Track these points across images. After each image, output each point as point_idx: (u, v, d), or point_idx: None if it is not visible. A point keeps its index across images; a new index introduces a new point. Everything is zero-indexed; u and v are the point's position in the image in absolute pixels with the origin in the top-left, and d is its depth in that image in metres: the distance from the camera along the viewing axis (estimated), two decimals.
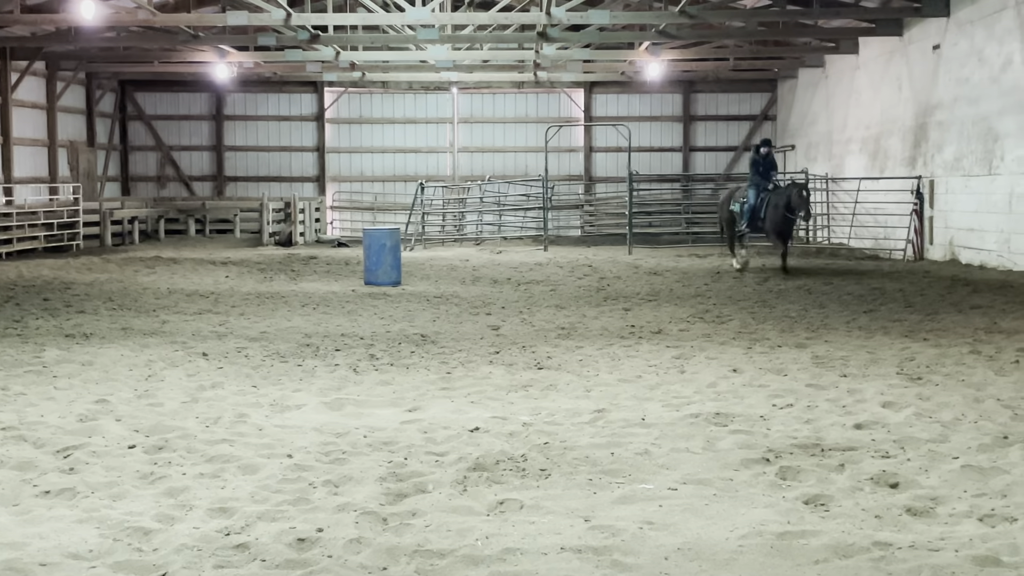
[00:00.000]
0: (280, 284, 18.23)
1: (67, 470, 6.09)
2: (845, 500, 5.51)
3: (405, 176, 34.74)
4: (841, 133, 28.16)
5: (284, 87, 34.71)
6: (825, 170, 28.71)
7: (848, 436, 6.88)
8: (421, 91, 34.87)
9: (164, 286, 17.53)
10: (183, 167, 35.04)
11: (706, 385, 8.72)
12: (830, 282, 17.64)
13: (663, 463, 6.26)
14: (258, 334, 11.95)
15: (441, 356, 10.39)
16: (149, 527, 5.06)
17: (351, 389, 8.70)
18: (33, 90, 28.80)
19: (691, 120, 34.77)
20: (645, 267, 21.29)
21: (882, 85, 25.13)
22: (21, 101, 27.90)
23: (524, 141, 34.82)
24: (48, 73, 29.40)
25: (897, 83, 24.17)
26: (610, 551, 4.76)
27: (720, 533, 5.00)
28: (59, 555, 4.70)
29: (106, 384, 8.80)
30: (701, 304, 14.80)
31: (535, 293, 16.66)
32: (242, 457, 6.38)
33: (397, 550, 4.78)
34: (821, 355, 10.15)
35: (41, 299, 15.39)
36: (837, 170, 28.04)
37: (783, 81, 33.51)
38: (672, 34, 24.51)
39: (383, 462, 6.30)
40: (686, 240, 29.05)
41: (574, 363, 9.93)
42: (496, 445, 6.66)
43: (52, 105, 29.62)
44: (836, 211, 27.38)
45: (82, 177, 31.00)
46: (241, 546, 4.81)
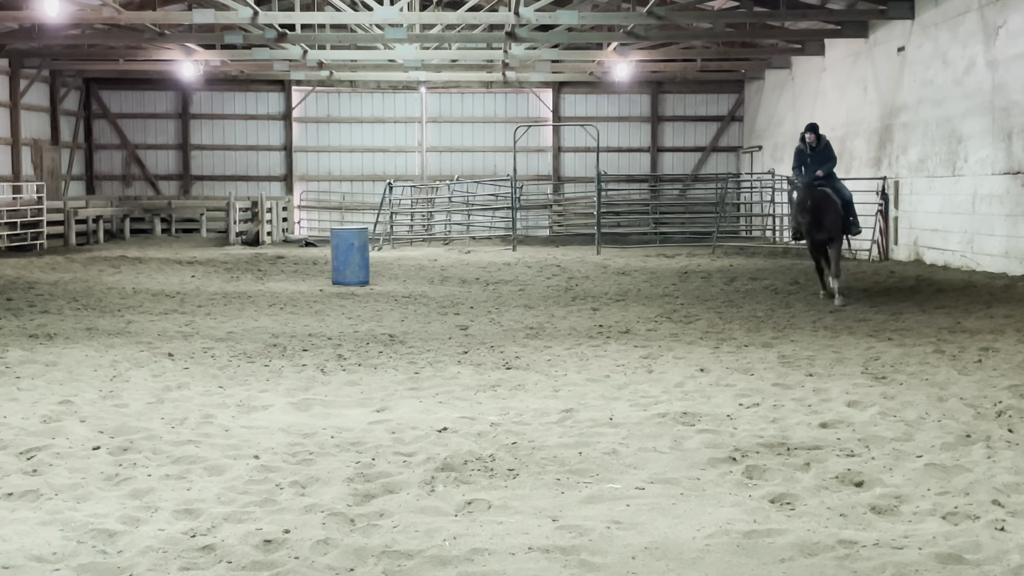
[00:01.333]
0: (247, 284, 18.12)
1: (30, 472, 6.02)
2: (811, 499, 5.55)
3: (373, 176, 34.64)
4: None
5: (251, 86, 34.51)
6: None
7: (814, 435, 6.93)
8: (389, 90, 34.80)
9: (129, 286, 17.37)
10: (149, 166, 34.75)
11: (673, 385, 8.76)
12: (796, 282, 17.77)
13: (631, 463, 6.28)
14: (225, 334, 11.87)
15: (409, 356, 10.37)
16: (114, 529, 5.01)
17: (318, 389, 8.67)
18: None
19: (659, 120, 34.93)
20: (613, 267, 21.35)
21: (848, 87, 25.36)
22: None
23: (493, 141, 34.83)
24: (11, 70, 29.06)
25: (863, 85, 24.40)
26: (578, 551, 4.78)
27: (687, 532, 5.03)
28: (23, 558, 4.65)
29: (70, 385, 8.71)
30: (669, 304, 14.87)
31: (504, 293, 16.67)
32: (208, 458, 6.33)
33: (365, 551, 4.77)
34: (787, 355, 10.23)
35: (4, 299, 15.20)
36: None
37: (750, 82, 33.74)
38: (640, 35, 24.61)
39: (351, 463, 6.28)
40: (654, 240, 29.17)
41: (542, 363, 9.94)
42: (464, 445, 6.65)
43: (15, 103, 29.28)
44: None
45: (46, 176, 30.67)
46: (207, 548, 4.78)
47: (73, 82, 33.26)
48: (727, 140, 34.99)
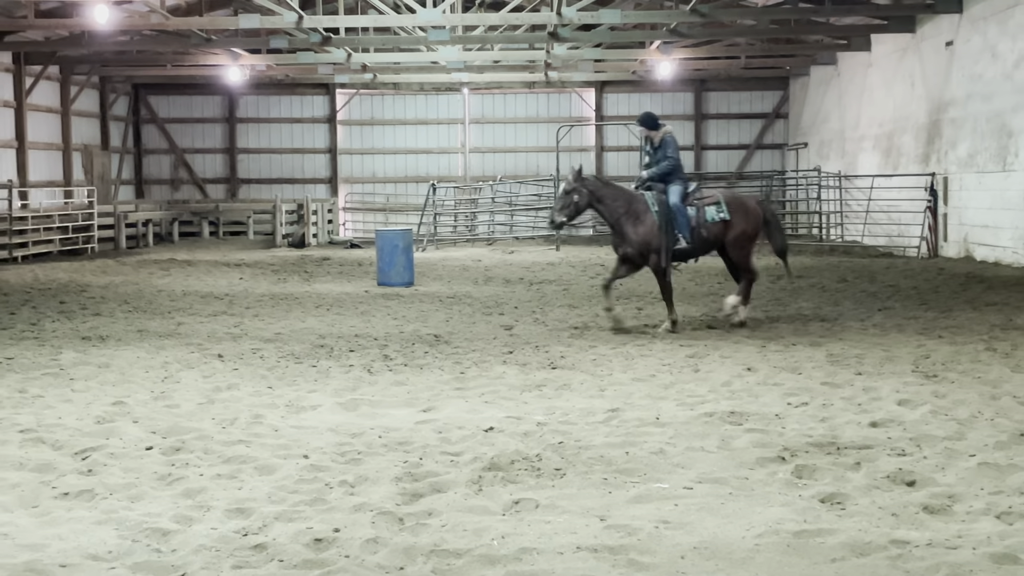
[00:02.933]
0: (294, 285, 18.27)
1: (85, 472, 6.12)
2: (862, 498, 5.50)
3: (417, 177, 34.77)
4: (854, 131, 28.08)
5: (296, 89, 34.80)
6: (838, 168, 28.63)
7: (864, 434, 6.86)
8: (432, 92, 34.91)
9: (179, 288, 17.59)
10: (196, 170, 35.17)
11: (720, 384, 8.71)
12: (844, 279, 17.60)
13: (678, 462, 6.26)
14: (273, 335, 11.98)
15: (455, 356, 10.40)
16: (167, 528, 5.09)
17: (365, 389, 8.72)
18: (47, 94, 28.94)
19: (703, 119, 34.73)
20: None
21: (895, 82, 25.05)
22: (36, 105, 28.05)
23: (535, 141, 34.82)
24: (62, 77, 29.54)
25: (910, 80, 24.10)
26: (626, 550, 4.77)
27: (736, 532, 5.00)
28: (79, 556, 4.73)
29: (123, 386, 8.84)
30: (714, 303, 14.77)
31: (548, 293, 16.67)
32: (259, 458, 6.40)
33: (414, 550, 4.79)
34: (836, 353, 10.13)
35: (57, 302, 15.46)
36: (850, 167, 27.96)
37: (795, 79, 33.44)
38: (683, 33, 24.48)
39: (398, 462, 6.32)
40: None
41: (588, 362, 9.93)
42: (511, 445, 6.66)
43: (66, 109, 29.76)
44: (849, 208, 27.29)
45: (96, 180, 31.14)
46: (259, 546, 4.84)
47: (122, 88, 33.75)
48: (772, 137, 34.70)
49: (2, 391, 8.56)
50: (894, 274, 18.41)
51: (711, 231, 12.27)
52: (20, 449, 6.63)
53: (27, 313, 14.08)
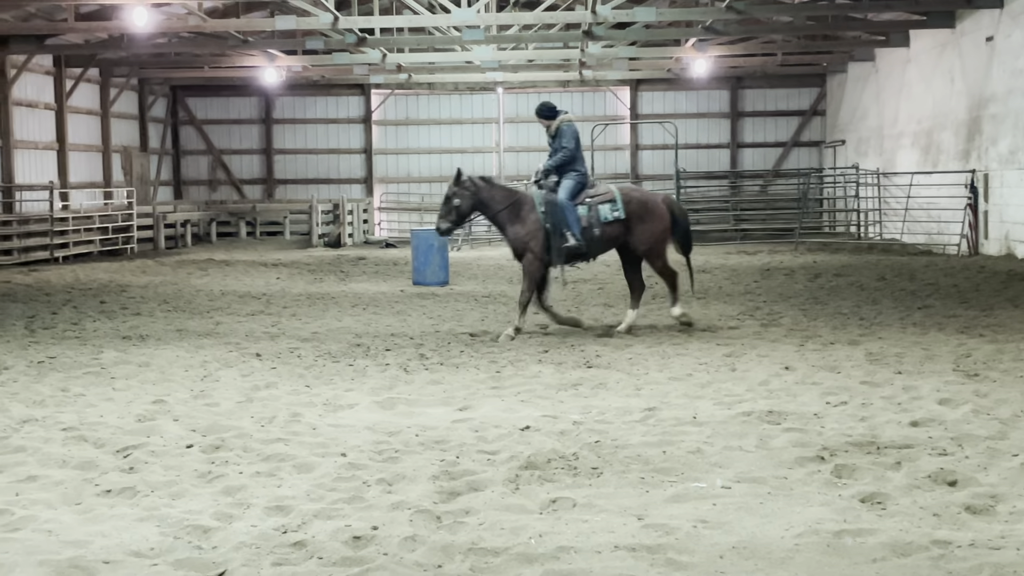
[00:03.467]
0: (330, 285, 18.38)
1: (127, 469, 6.19)
2: (902, 498, 5.45)
3: (452, 176, 34.77)
4: (892, 127, 27.81)
5: (331, 90, 34.98)
6: (876, 165, 28.36)
7: (904, 434, 6.80)
8: (467, 92, 34.97)
9: (217, 288, 17.75)
10: (234, 170, 35.45)
11: (758, 383, 8.66)
12: (883, 278, 17.43)
13: (716, 461, 6.23)
14: (310, 334, 12.06)
15: (490, 355, 10.42)
16: (208, 525, 5.13)
17: (402, 388, 8.76)
18: (87, 96, 29.30)
19: (739, 116, 34.52)
20: (693, 265, 21.13)
21: (934, 78, 24.78)
22: (76, 107, 28.40)
23: None
24: (102, 80, 29.89)
25: (949, 76, 23.82)
26: (664, 549, 4.76)
27: (775, 532, 4.97)
28: (122, 553, 4.78)
29: (163, 385, 8.94)
30: (751, 301, 14.69)
31: (583, 291, 16.64)
32: (297, 456, 6.45)
33: (452, 548, 4.81)
34: (875, 352, 10.04)
35: (98, 302, 15.65)
36: (888, 165, 27.69)
37: (832, 75, 33.15)
38: (719, 30, 24.34)
39: (435, 461, 6.34)
40: (734, 237, 28.86)
41: (624, 361, 9.91)
42: (547, 443, 6.66)
43: (106, 111, 30.12)
44: (888, 206, 27.03)
45: (135, 181, 31.48)
46: (298, 544, 4.87)
47: (160, 90, 34.09)
48: (809, 135, 34.42)
49: (45, 390, 8.69)
50: (934, 272, 18.21)
51: (605, 231, 11.72)
52: (63, 447, 6.72)
53: (69, 313, 14.26)
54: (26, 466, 6.26)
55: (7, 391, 8.62)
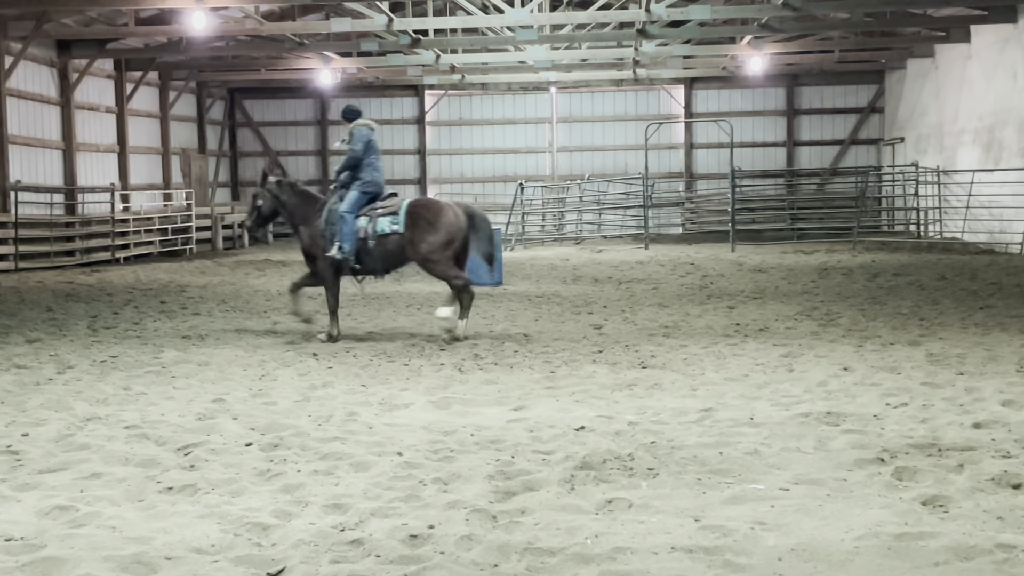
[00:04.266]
0: (384, 285, 18.47)
1: (188, 467, 6.29)
2: (965, 501, 5.36)
3: (505, 177, 34.91)
4: (952, 124, 27.33)
5: (386, 91, 35.22)
6: (936, 163, 27.90)
7: (966, 435, 6.68)
8: (520, 92, 35.01)
9: (274, 288, 17.95)
10: (290, 172, 35.79)
11: (816, 384, 8.56)
12: (943, 277, 17.15)
13: (774, 463, 6.17)
14: (365, 334, 12.15)
15: (544, 355, 10.42)
16: (267, 523, 5.19)
17: (457, 388, 8.79)
18: (147, 100, 29.80)
19: (795, 114, 34.17)
20: (749, 264, 20.99)
21: (996, 74, 24.31)
22: (136, 110, 28.90)
23: (623, 139, 34.67)
24: (161, 83, 30.39)
25: (1012, 71, 23.35)
26: (722, 551, 4.72)
27: (835, 534, 4.91)
28: (183, 549, 4.86)
29: (222, 384, 9.06)
30: (808, 301, 14.54)
31: (637, 292, 16.58)
32: (354, 455, 6.50)
33: (508, 547, 4.82)
34: (936, 353, 9.88)
35: (158, 302, 15.90)
36: (949, 162, 27.23)
37: (891, 72, 32.67)
38: (775, 27, 24.13)
39: (490, 460, 6.35)
40: (791, 236, 28.57)
41: (679, 362, 9.85)
42: (602, 444, 6.65)
43: (165, 114, 30.61)
44: (948, 204, 26.58)
45: (194, 183, 31.96)
46: (356, 542, 4.91)
47: (218, 92, 34.57)
48: (867, 132, 33.97)
49: (107, 388, 8.84)
50: (996, 271, 17.87)
51: (382, 244, 11.39)
52: (126, 445, 6.84)
53: (130, 313, 14.51)
54: (90, 463, 6.38)
55: (71, 390, 8.79)
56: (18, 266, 21.43)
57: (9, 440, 6.96)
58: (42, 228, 23.07)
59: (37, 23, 21.99)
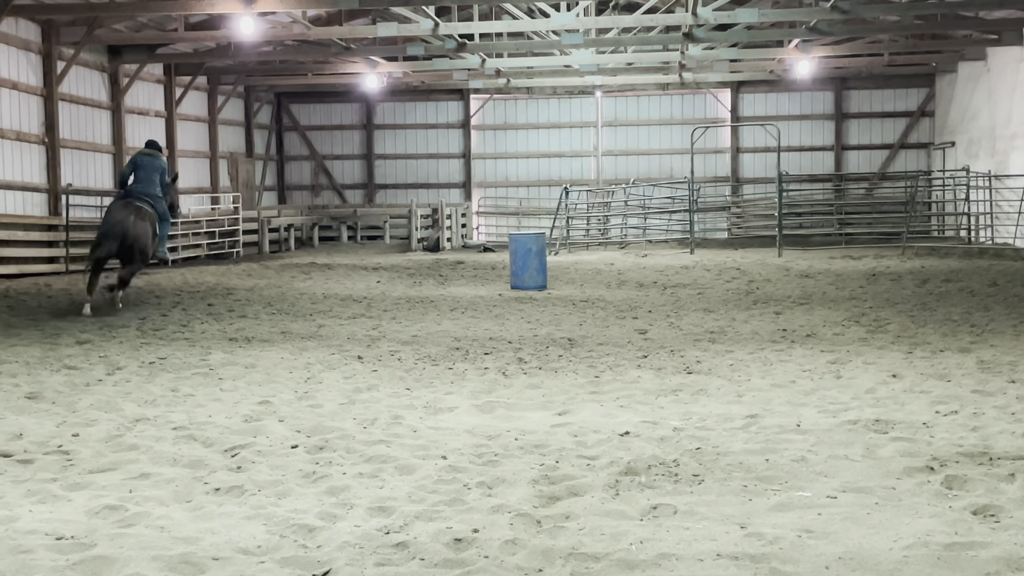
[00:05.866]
0: (429, 289, 18.56)
1: (235, 468, 6.35)
2: (1017, 511, 5.26)
3: (549, 180, 34.89)
4: (1005, 128, 26.90)
5: (431, 95, 35.35)
6: (988, 167, 27.48)
7: (1018, 444, 6.57)
8: (565, 95, 34.98)
9: (319, 291, 18.08)
10: (335, 175, 36.09)
11: (864, 391, 8.47)
12: (995, 283, 16.88)
13: (821, 470, 6.11)
14: (409, 338, 12.20)
15: (589, 360, 10.40)
16: (313, 524, 5.23)
17: (501, 392, 8.79)
18: (196, 104, 30.15)
19: (843, 118, 33.81)
20: (796, 269, 20.80)
21: None
22: (185, 115, 29.26)
23: (669, 143, 34.51)
24: (209, 88, 30.73)
25: None
26: (768, 559, 4.68)
27: (883, 543, 4.85)
28: (230, 550, 4.90)
29: (268, 386, 9.14)
30: (856, 307, 14.37)
31: (682, 297, 16.49)
32: (399, 458, 6.52)
33: (552, 552, 4.81)
34: (987, 360, 9.72)
35: (206, 304, 16.08)
36: (1001, 167, 26.80)
37: (941, 75, 32.23)
38: (823, 30, 23.88)
39: (535, 464, 6.35)
40: (839, 241, 28.27)
41: (724, 367, 9.79)
42: (647, 449, 6.62)
43: (213, 118, 30.95)
44: (1000, 210, 26.16)
45: (241, 187, 32.29)
46: (400, 545, 4.93)
47: (265, 97, 34.90)
48: (917, 136, 33.52)
49: (156, 390, 8.96)
50: None
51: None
52: (173, 446, 6.92)
53: (177, 315, 14.69)
54: (139, 464, 6.46)
55: (120, 391, 8.91)
56: (68, 268, 21.76)
57: (60, 440, 7.07)
58: (93, 231, 23.38)
59: (89, 29, 22.34)
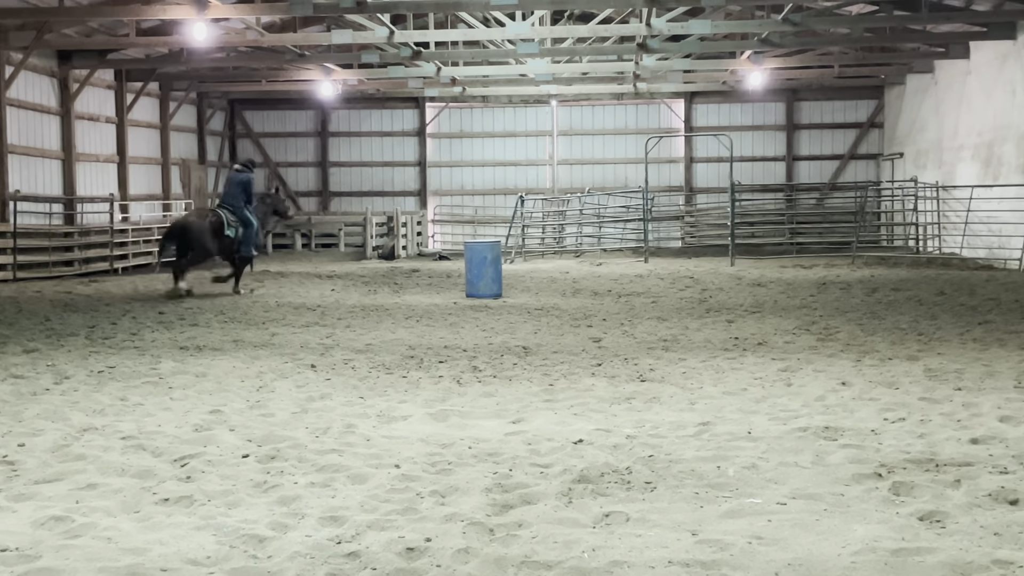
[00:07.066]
0: (384, 297, 18.49)
1: (184, 478, 6.28)
2: (962, 517, 5.35)
3: (505, 189, 34.95)
4: (952, 140, 27.39)
5: (386, 103, 35.29)
6: (935, 178, 27.94)
7: (964, 451, 6.68)
8: (520, 104, 35.08)
9: (272, 299, 17.94)
10: (290, 183, 35.86)
11: (814, 398, 8.56)
12: (942, 292, 17.16)
13: (771, 477, 6.16)
14: (363, 346, 12.15)
15: (543, 368, 10.41)
16: (263, 535, 5.18)
17: (455, 400, 8.78)
18: (147, 110, 29.85)
19: (794, 129, 34.24)
20: (748, 278, 21.01)
21: (995, 90, 24.37)
22: (136, 121, 28.94)
23: (624, 152, 34.73)
24: (161, 94, 30.44)
25: (1011, 88, 23.42)
26: (719, 565, 4.71)
27: (832, 549, 4.90)
28: (179, 561, 4.85)
29: (219, 395, 9.05)
30: (807, 316, 14.54)
31: (636, 305, 16.58)
32: (351, 467, 6.49)
33: (504, 560, 4.81)
34: (934, 368, 9.88)
35: (156, 312, 15.90)
36: (948, 178, 27.27)
37: (890, 87, 32.76)
38: (775, 42, 24.19)
39: (488, 473, 6.34)
40: (790, 251, 28.59)
41: (677, 375, 9.85)
42: (600, 457, 6.64)
43: (165, 124, 30.65)
44: (947, 220, 26.61)
45: (194, 194, 31.98)
46: (352, 554, 4.90)
47: (218, 103, 34.62)
48: (866, 147, 34.04)
49: (104, 399, 8.84)
50: (994, 287, 17.89)
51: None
52: (122, 455, 6.83)
53: (127, 323, 14.51)
54: (86, 474, 6.37)
55: (68, 400, 8.78)
56: (16, 276, 21.42)
57: (5, 450, 6.95)
58: (41, 238, 23.08)
59: (38, 34, 22.03)
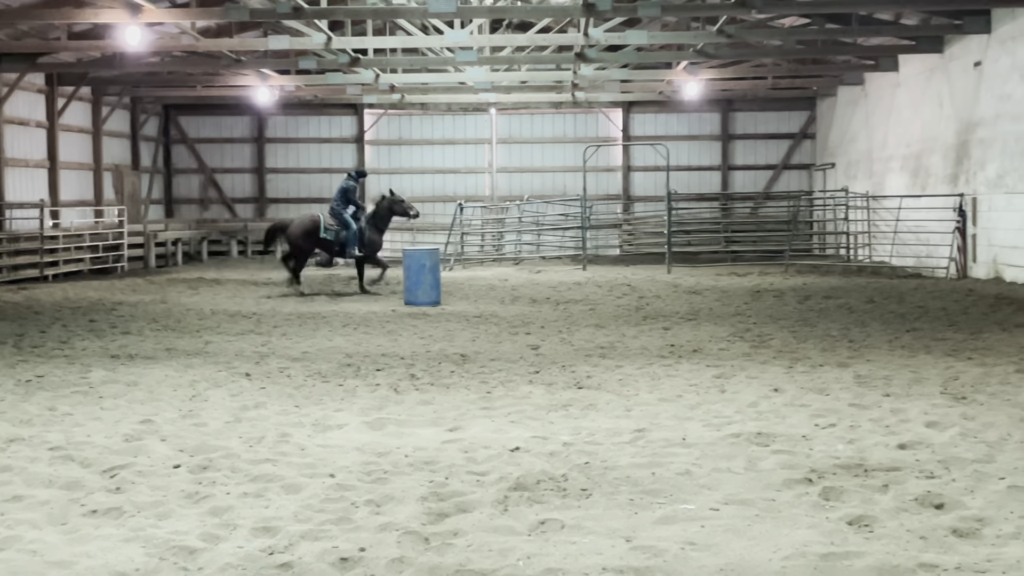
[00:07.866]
0: (321, 304, 18.35)
1: (114, 489, 6.17)
2: (889, 521, 5.46)
3: (444, 196, 34.90)
4: (881, 151, 27.96)
5: (324, 109, 35.06)
6: (865, 188, 28.50)
7: (892, 456, 6.81)
8: (460, 112, 35.09)
9: (207, 307, 17.72)
10: (225, 189, 35.46)
11: (747, 405, 8.68)
12: (872, 300, 17.49)
13: (704, 483, 6.23)
14: (300, 354, 12.04)
15: (481, 376, 10.42)
16: (194, 546, 5.12)
17: (392, 409, 8.75)
18: (79, 115, 29.32)
19: (729, 139, 34.70)
20: (684, 286, 21.22)
21: (923, 102, 24.95)
22: (68, 126, 28.41)
23: (562, 161, 34.89)
24: (94, 98, 29.92)
25: (938, 100, 23.98)
26: (652, 572, 4.76)
27: (763, 554, 4.97)
28: (106, 573, 4.77)
29: (151, 404, 8.91)
30: (741, 323, 14.73)
31: (574, 312, 16.66)
32: (285, 477, 6.43)
33: (439, 569, 4.80)
34: (863, 374, 10.07)
35: (87, 320, 15.61)
36: (878, 188, 27.83)
37: (822, 99, 33.37)
38: (710, 53, 24.50)
39: (424, 482, 6.33)
40: (725, 259, 28.94)
41: (614, 382, 9.92)
42: (537, 465, 6.66)
43: (98, 129, 30.13)
44: (877, 229, 27.15)
45: (127, 200, 31.47)
46: (285, 565, 4.85)
47: (153, 108, 34.13)
48: (799, 158, 34.62)
49: (32, 408, 8.65)
50: (922, 295, 18.29)
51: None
52: (49, 466, 6.70)
53: (57, 331, 14.23)
54: (11, 486, 6.24)
55: None
56: None
57: None
58: None
59: None
